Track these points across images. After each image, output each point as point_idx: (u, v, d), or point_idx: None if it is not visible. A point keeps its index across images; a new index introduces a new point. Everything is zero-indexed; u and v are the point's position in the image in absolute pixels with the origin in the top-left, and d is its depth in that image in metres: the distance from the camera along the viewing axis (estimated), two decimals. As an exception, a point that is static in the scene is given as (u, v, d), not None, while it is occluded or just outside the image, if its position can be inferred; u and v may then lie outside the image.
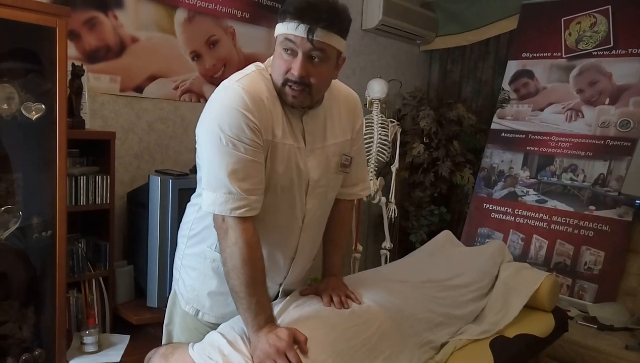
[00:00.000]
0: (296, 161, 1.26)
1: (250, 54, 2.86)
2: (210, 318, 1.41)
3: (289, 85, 1.18)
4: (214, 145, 1.16)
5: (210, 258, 1.37)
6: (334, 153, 1.34)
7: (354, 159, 1.42)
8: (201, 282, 1.39)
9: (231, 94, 1.17)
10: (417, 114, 3.56)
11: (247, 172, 1.16)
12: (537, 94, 3.34)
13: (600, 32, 3.14)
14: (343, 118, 1.37)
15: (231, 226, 1.18)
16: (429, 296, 1.62)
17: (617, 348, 2.37)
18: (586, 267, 2.92)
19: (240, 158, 1.15)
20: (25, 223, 1.80)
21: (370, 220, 3.77)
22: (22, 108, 1.72)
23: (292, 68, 1.16)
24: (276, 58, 1.20)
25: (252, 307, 1.19)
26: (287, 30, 1.14)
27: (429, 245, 2.22)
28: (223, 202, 1.16)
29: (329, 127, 1.33)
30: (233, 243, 1.18)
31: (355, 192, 1.50)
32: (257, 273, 1.20)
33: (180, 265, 1.47)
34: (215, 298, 1.39)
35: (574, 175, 3.09)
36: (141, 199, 2.16)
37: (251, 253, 1.18)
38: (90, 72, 2.23)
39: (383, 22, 3.47)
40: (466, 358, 1.56)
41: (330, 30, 1.14)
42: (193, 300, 1.41)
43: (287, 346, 1.16)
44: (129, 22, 2.35)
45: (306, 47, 1.14)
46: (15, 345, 1.80)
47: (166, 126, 2.55)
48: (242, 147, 1.15)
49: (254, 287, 1.19)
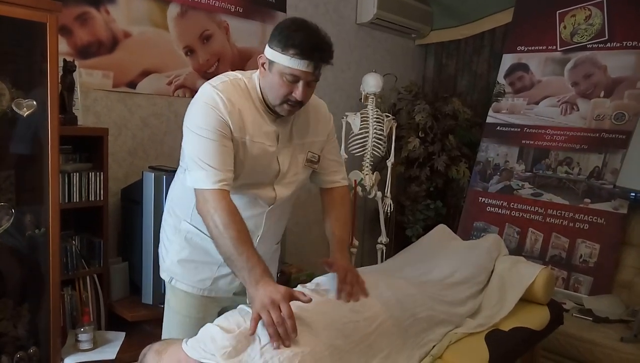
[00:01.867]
0: (266, 155, 1.45)
1: (244, 48, 2.84)
2: (182, 286, 1.56)
3: (288, 104, 1.39)
4: (194, 135, 1.38)
5: (185, 230, 1.54)
6: (300, 150, 1.54)
7: (327, 156, 1.62)
8: (174, 252, 1.57)
9: (208, 96, 1.39)
10: (412, 108, 3.56)
11: (220, 155, 1.36)
12: (532, 87, 3.34)
13: (595, 25, 3.14)
14: (311, 122, 1.56)
15: (210, 199, 1.33)
16: (431, 296, 1.62)
17: (613, 340, 2.38)
18: (581, 260, 2.93)
19: (213, 143, 1.35)
20: (18, 220, 1.79)
21: (366, 215, 3.77)
22: (13, 104, 1.71)
23: (295, 93, 1.36)
24: (275, 81, 1.37)
25: (245, 264, 1.27)
26: (292, 65, 1.32)
27: (425, 239, 2.22)
28: (204, 178, 1.34)
29: (296, 130, 1.52)
30: (213, 211, 1.32)
31: (337, 180, 1.68)
32: (241, 234, 1.31)
33: (161, 239, 1.66)
34: (187, 266, 1.55)
35: (569, 168, 3.10)
36: (135, 196, 2.15)
37: (231, 216, 1.31)
38: (83, 67, 2.21)
39: (378, 16, 3.45)
40: (462, 352, 1.57)
41: (328, 63, 1.37)
42: (167, 268, 1.60)
43: (282, 299, 1.20)
44: (121, 17, 2.33)
45: (309, 78, 1.36)
46: (9, 343, 1.79)
47: (160, 122, 2.53)
48: (213, 134, 1.36)
49: (241, 245, 1.29)
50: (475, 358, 1.57)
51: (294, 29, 1.33)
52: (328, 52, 1.36)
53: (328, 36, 1.37)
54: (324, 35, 1.36)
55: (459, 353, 1.56)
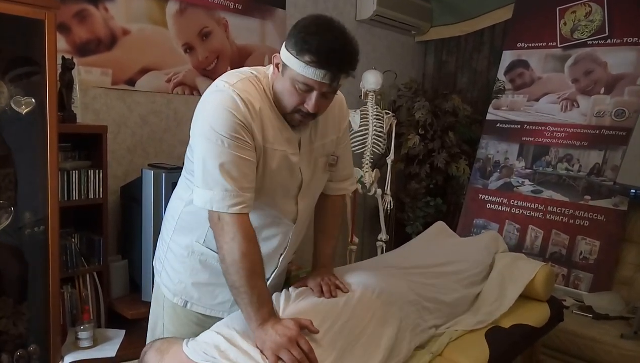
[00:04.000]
0: (289, 165, 1.30)
1: (244, 45, 2.84)
2: (199, 309, 1.42)
3: (300, 114, 1.23)
4: (208, 144, 1.19)
5: (199, 252, 1.39)
6: (321, 153, 1.39)
7: (341, 157, 1.47)
8: (188, 275, 1.41)
9: (225, 97, 1.19)
10: (412, 105, 3.55)
11: (240, 170, 1.19)
12: (532, 84, 3.33)
13: (595, 21, 3.13)
14: (329, 118, 1.39)
15: (227, 222, 1.19)
16: (416, 281, 1.61)
17: (613, 337, 2.38)
18: (581, 257, 2.93)
19: (233, 156, 1.18)
20: (17, 218, 1.79)
21: (366, 212, 3.77)
22: (11, 102, 1.70)
23: (307, 104, 1.20)
24: (287, 87, 1.21)
25: (254, 301, 1.18)
26: (307, 74, 1.15)
27: (423, 236, 2.22)
28: (220, 199, 1.18)
29: (317, 129, 1.37)
30: (231, 238, 1.18)
31: (345, 187, 1.55)
32: (256, 266, 1.20)
33: (164, 258, 1.47)
34: (203, 289, 1.41)
35: (569, 165, 3.09)
36: (134, 193, 2.15)
37: (249, 246, 1.19)
38: (81, 65, 2.21)
39: (377, 12, 3.44)
40: (462, 348, 1.57)
41: (349, 74, 1.19)
42: (181, 292, 1.43)
43: (297, 334, 1.16)
44: (119, 14, 2.32)
45: (324, 89, 1.18)
46: (9, 341, 1.79)
47: (159, 119, 2.53)
48: (234, 145, 1.18)
49: (254, 280, 1.19)
50: (476, 355, 1.57)
51: (313, 30, 1.14)
52: (350, 62, 1.17)
53: (354, 42, 1.18)
54: (349, 41, 1.17)
55: (459, 350, 1.56)
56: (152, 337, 1.51)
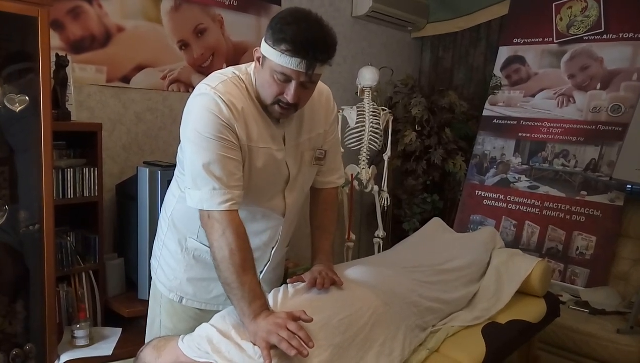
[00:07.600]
0: (274, 161, 1.33)
1: (239, 42, 2.82)
2: (194, 304, 1.45)
3: (279, 105, 1.25)
4: (194, 146, 1.24)
5: (192, 248, 1.42)
6: (307, 147, 1.40)
7: (329, 151, 1.48)
8: (182, 270, 1.44)
9: (207, 100, 1.23)
10: (408, 101, 3.54)
11: (226, 169, 1.23)
12: (529, 79, 3.33)
13: (591, 17, 3.13)
14: (315, 112, 1.41)
15: (217, 219, 1.22)
16: (418, 280, 1.62)
17: (609, 332, 2.39)
18: (578, 252, 2.94)
19: (218, 156, 1.22)
20: (12, 217, 1.78)
21: (363, 209, 3.77)
22: (5, 100, 1.69)
23: (286, 94, 1.22)
24: (266, 79, 1.23)
25: (246, 295, 1.20)
26: (283, 63, 1.17)
27: (420, 232, 2.22)
28: (209, 198, 1.22)
29: (302, 123, 1.38)
30: (220, 234, 1.21)
31: (333, 181, 1.56)
32: (247, 262, 1.22)
33: (159, 255, 1.51)
34: (198, 284, 1.44)
35: (566, 161, 3.10)
36: (130, 191, 2.14)
37: (239, 242, 1.21)
38: (76, 62, 2.19)
39: (373, 8, 3.43)
40: (458, 344, 1.57)
41: (325, 63, 1.21)
42: (176, 288, 1.46)
43: (286, 319, 1.17)
44: (114, 11, 2.31)
45: (301, 78, 1.20)
46: (5, 340, 1.78)
47: (154, 117, 2.52)
48: (219, 145, 1.22)
49: (245, 275, 1.21)
50: (472, 351, 1.57)
51: (289, 20, 1.17)
52: (325, 50, 1.18)
53: (332, 32, 1.20)
54: (326, 30, 1.19)
55: (455, 346, 1.56)
56: (150, 333, 1.52)
